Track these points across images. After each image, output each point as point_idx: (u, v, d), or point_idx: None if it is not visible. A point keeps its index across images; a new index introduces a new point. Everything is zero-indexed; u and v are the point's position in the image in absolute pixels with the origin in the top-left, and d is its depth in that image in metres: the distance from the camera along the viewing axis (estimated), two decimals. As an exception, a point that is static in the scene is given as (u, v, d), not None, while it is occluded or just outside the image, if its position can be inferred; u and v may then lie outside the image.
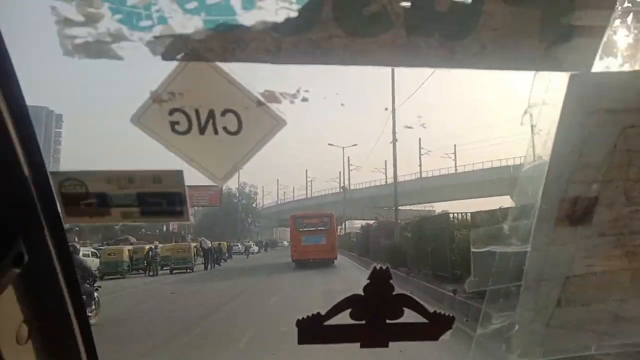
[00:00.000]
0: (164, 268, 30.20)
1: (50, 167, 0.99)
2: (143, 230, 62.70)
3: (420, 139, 72.95)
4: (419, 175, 67.26)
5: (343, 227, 65.91)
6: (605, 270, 1.12)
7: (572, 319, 1.18)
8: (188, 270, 29.47)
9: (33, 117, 0.96)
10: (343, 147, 65.14)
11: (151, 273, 28.51)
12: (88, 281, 10.68)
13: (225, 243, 47.04)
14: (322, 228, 29.94)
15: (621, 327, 1.20)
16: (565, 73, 0.87)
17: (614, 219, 1.05)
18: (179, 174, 0.95)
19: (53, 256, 1.00)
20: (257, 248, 63.81)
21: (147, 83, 0.90)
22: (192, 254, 31.08)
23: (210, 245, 34.45)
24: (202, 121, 0.89)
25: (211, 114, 0.89)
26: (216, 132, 0.90)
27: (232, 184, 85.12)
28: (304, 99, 0.89)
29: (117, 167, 0.97)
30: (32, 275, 0.97)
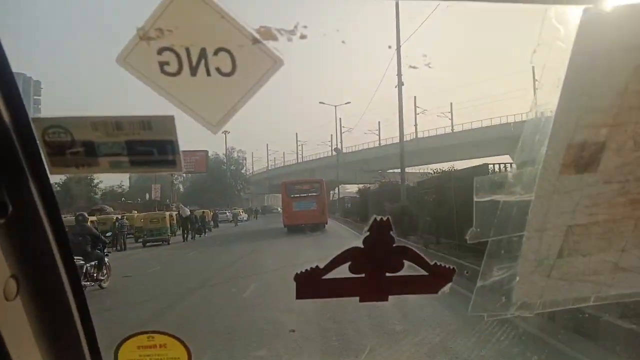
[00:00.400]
0: (139, 240, 28.27)
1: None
2: (123, 199, 60.62)
3: (415, 97, 70.38)
4: (414, 136, 63.71)
5: (336, 192, 65.39)
6: (608, 219, 1.10)
7: (573, 270, 1.16)
8: (163, 243, 27.38)
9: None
10: (335, 106, 62.39)
11: (118, 247, 24.82)
12: (99, 247, 11.75)
13: (209, 211, 44.29)
14: (313, 194, 31.02)
15: (620, 277, 1.19)
16: (578, 7, 0.82)
17: (620, 165, 1.02)
18: (170, 120, 0.90)
19: (39, 207, 0.95)
20: (246, 215, 61.74)
21: (134, 19, 0.83)
22: (168, 224, 28.44)
23: (189, 213, 31.52)
24: (194, 61, 0.83)
25: (203, 53, 0.83)
26: (209, 74, 0.85)
27: (219, 149, 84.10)
28: (302, 36, 0.83)
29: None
30: (18, 227, 0.92)
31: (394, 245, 1.12)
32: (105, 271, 11.95)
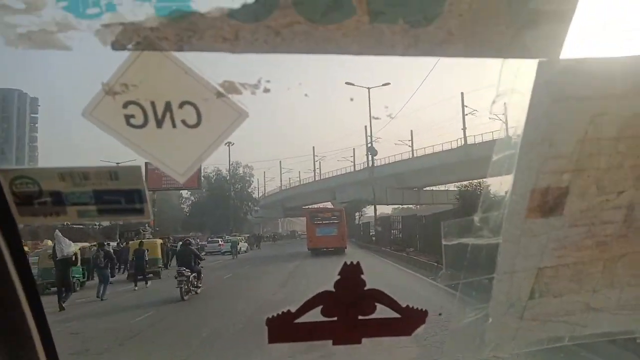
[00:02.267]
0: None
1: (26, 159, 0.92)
2: (67, 223, 55.36)
3: (462, 93, 60.89)
4: (462, 142, 51.77)
5: (367, 213, 55.34)
6: (577, 261, 1.11)
7: (545, 310, 1.17)
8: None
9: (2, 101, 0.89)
10: (368, 88, 44.55)
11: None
12: (198, 263, 15.80)
13: (161, 240, 25.91)
14: (334, 221, 34.42)
15: (593, 317, 1.19)
16: (533, 60, 0.85)
17: (585, 209, 1.03)
18: (136, 170, 0.91)
19: (6, 257, 0.95)
20: (246, 245, 46.60)
21: (99, 74, 0.85)
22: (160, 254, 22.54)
23: (71, 251, 14.54)
24: (159, 114, 0.85)
25: (168, 107, 0.85)
26: (174, 126, 0.86)
27: (222, 164, 68.67)
28: (266, 90, 0.85)
29: (74, 163, 0.90)
30: None
31: (365, 288, 1.12)
32: (200, 281, 15.82)
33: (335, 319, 1.14)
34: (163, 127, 0.86)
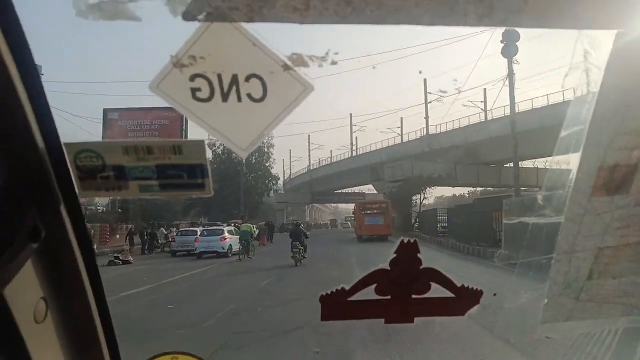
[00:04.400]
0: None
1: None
2: None
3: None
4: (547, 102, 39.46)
5: (422, 197, 45.45)
6: (639, 241, 1.08)
7: (602, 292, 1.14)
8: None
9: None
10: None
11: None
12: (306, 237, 21.64)
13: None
14: (381, 212, 39.09)
15: None
16: (611, 31, 0.82)
17: None
18: (200, 144, 0.90)
19: (69, 231, 0.96)
20: (237, 244, 26.00)
21: (167, 46, 0.84)
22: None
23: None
24: (225, 87, 0.84)
25: (234, 80, 0.84)
26: (240, 99, 0.85)
27: None
28: (334, 62, 0.84)
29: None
30: (49, 250, 0.93)
31: (420, 267, 1.11)
32: (306, 252, 21.19)
33: (389, 297, 1.13)
34: (229, 101, 0.85)
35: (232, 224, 34.61)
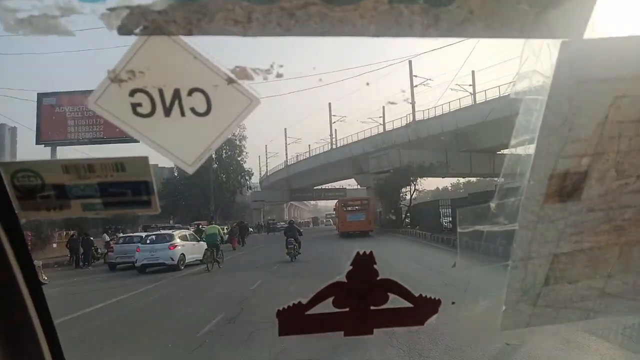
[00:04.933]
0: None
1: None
2: None
3: None
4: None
5: (414, 190, 42.26)
6: (593, 247, 1.09)
7: (560, 297, 1.15)
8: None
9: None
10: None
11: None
12: (300, 234, 23.06)
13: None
14: (362, 209, 39.53)
15: (608, 303, 1.18)
16: (556, 40, 0.82)
17: (603, 193, 1.01)
18: (143, 161, 0.87)
19: (8, 252, 0.92)
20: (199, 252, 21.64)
21: (104, 61, 0.81)
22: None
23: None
24: (167, 102, 0.81)
25: (177, 94, 0.81)
26: (183, 114, 0.82)
27: None
28: (279, 75, 0.82)
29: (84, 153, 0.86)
30: None
31: (377, 278, 1.10)
32: (300, 248, 22.47)
33: (347, 309, 1.12)
34: (171, 116, 0.82)
35: (195, 226, 30.05)
